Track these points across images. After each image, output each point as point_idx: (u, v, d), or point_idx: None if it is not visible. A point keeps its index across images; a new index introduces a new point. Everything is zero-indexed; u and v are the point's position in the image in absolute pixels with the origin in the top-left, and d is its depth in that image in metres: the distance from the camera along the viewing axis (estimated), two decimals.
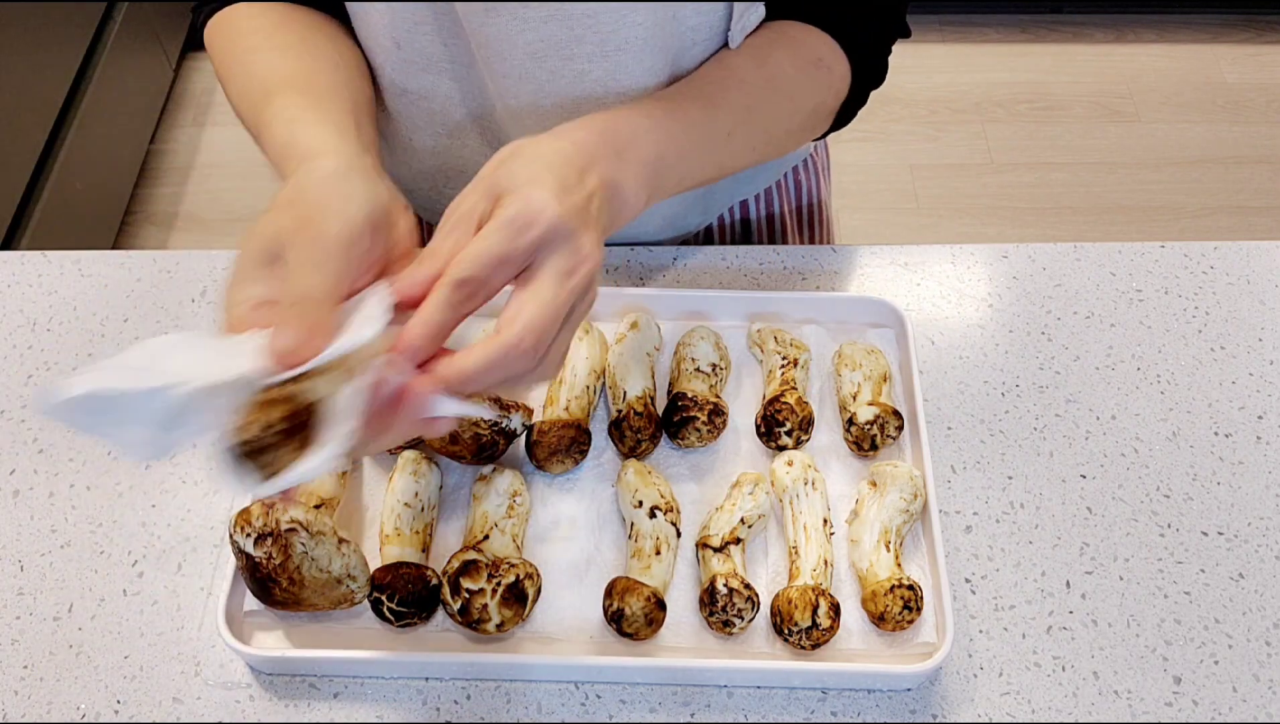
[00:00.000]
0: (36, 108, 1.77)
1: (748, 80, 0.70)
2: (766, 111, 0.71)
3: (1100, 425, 0.73)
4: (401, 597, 0.61)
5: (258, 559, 0.59)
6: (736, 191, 0.89)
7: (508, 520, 0.64)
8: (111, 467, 0.71)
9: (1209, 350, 0.77)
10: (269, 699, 0.61)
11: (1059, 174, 2.20)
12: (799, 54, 0.72)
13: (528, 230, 0.50)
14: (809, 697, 0.61)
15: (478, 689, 0.61)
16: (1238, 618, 0.64)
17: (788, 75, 0.71)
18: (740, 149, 0.70)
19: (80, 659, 0.63)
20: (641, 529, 0.64)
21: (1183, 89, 2.36)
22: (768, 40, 0.72)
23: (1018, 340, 0.78)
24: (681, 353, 0.72)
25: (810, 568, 0.63)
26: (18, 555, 0.67)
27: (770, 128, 0.72)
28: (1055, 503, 0.69)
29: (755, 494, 0.65)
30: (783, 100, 0.72)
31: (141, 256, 0.84)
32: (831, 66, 0.73)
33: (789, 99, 0.72)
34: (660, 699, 0.61)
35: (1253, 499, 0.69)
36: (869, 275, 0.82)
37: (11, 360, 0.77)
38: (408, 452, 0.68)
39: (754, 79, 0.70)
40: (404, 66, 0.74)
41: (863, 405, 0.69)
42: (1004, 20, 2.50)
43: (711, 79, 0.70)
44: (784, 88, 0.72)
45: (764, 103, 0.70)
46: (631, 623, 0.61)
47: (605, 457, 0.71)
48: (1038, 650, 0.63)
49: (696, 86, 0.69)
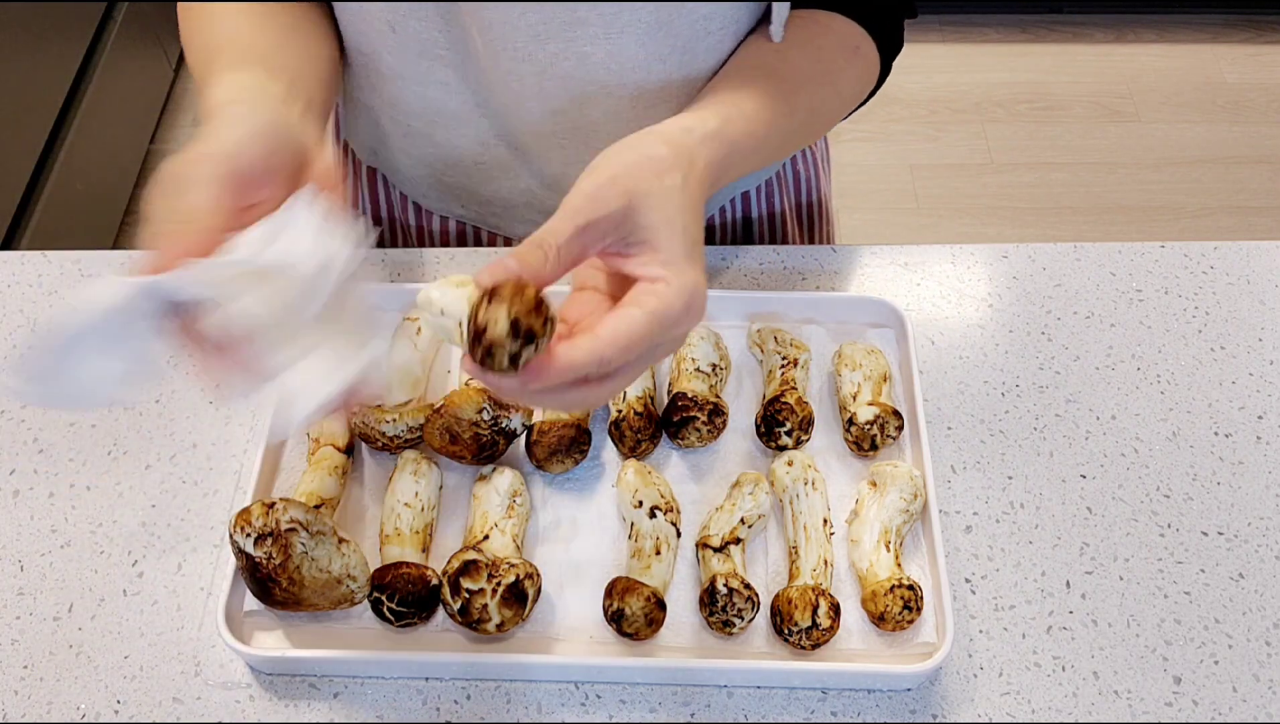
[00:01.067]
0: (36, 108, 1.77)
1: (811, 79, 0.70)
2: (821, 107, 0.71)
3: (1100, 425, 0.73)
4: (401, 597, 0.61)
5: (258, 559, 0.59)
6: (738, 184, 0.89)
7: (508, 520, 0.64)
8: (111, 467, 0.71)
9: (1209, 350, 0.77)
10: (269, 699, 0.61)
11: (1059, 174, 2.20)
12: (842, 44, 0.72)
13: (680, 325, 0.51)
14: (809, 697, 0.61)
15: (478, 689, 0.61)
16: (1238, 618, 0.64)
17: (840, 68, 0.72)
18: (786, 147, 0.71)
19: (80, 659, 0.63)
20: (641, 529, 0.64)
21: (1183, 89, 2.36)
22: (814, 32, 0.71)
23: (1018, 340, 0.78)
24: (681, 353, 0.72)
25: (810, 568, 0.63)
26: (18, 555, 0.67)
27: (819, 124, 0.72)
28: (1055, 503, 0.69)
29: (755, 494, 0.65)
30: (833, 94, 0.72)
31: (141, 257, 0.83)
32: (867, 54, 0.73)
33: (837, 93, 0.72)
34: (660, 699, 0.61)
35: (1253, 499, 0.69)
36: (869, 275, 0.82)
37: (12, 360, 0.77)
38: (408, 452, 0.68)
39: (815, 74, 0.70)
40: (400, 52, 0.73)
41: (863, 405, 0.69)
42: (1004, 20, 2.50)
43: (786, 79, 0.68)
44: (836, 81, 0.72)
45: (821, 101, 0.71)
46: (631, 623, 0.61)
47: (605, 456, 0.71)
48: (1038, 650, 0.63)
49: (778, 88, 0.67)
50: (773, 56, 0.70)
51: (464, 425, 0.66)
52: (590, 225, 0.51)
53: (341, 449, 0.69)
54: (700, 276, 0.52)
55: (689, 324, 0.52)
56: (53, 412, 0.74)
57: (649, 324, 0.50)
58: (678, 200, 0.54)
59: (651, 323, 0.50)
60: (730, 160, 0.61)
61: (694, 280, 0.51)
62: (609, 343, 0.49)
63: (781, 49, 0.70)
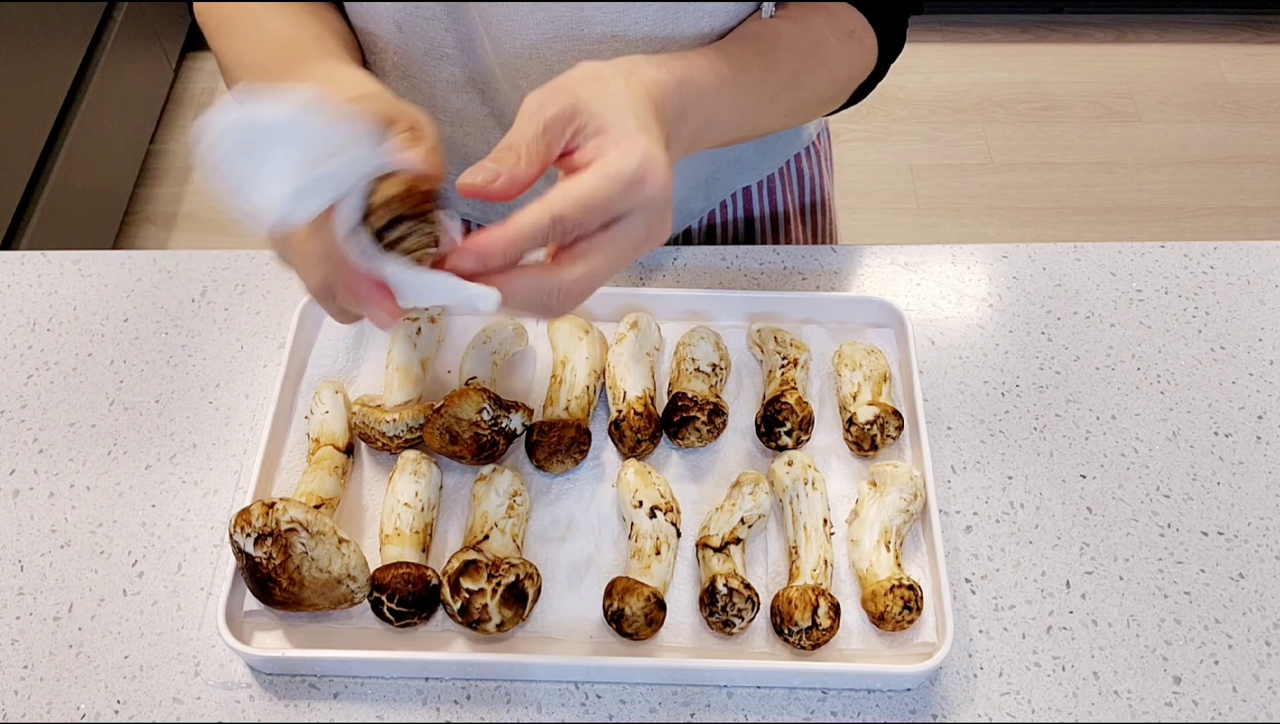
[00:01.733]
0: (36, 108, 1.77)
1: (795, 45, 0.70)
2: (808, 79, 0.71)
3: (1100, 425, 0.73)
4: (401, 597, 0.61)
5: (258, 559, 0.59)
6: (740, 177, 0.89)
7: (508, 520, 0.64)
8: (111, 467, 0.71)
9: (1209, 350, 0.77)
10: (269, 699, 0.61)
11: (1059, 174, 2.20)
12: (836, 24, 0.72)
13: (638, 189, 0.51)
14: (809, 697, 0.61)
15: (478, 689, 0.61)
16: (1238, 618, 0.64)
17: (830, 44, 0.72)
18: (779, 113, 0.70)
19: (80, 659, 0.63)
20: (641, 529, 0.64)
21: (1183, 89, 2.36)
22: (807, 9, 0.71)
23: (1018, 340, 0.78)
24: (681, 353, 0.72)
25: (810, 568, 0.63)
26: (18, 555, 0.67)
27: (808, 96, 0.72)
28: (1055, 503, 0.69)
29: (755, 494, 0.65)
30: (822, 69, 0.72)
31: (141, 256, 0.84)
32: (863, 39, 0.73)
33: (828, 69, 0.72)
34: (660, 699, 0.61)
35: (1253, 499, 0.69)
36: (869, 275, 0.82)
37: (11, 360, 0.77)
38: (408, 452, 0.68)
39: (800, 44, 0.70)
40: (406, 51, 0.73)
41: (863, 405, 0.69)
42: (1004, 20, 2.50)
43: (764, 39, 0.69)
44: (825, 56, 0.72)
45: (807, 70, 0.71)
46: (632, 623, 0.61)
47: (605, 456, 0.71)
48: (1038, 650, 0.63)
49: (753, 46, 0.68)
50: (755, 24, 0.70)
51: (464, 425, 0.66)
52: (549, 123, 0.52)
53: (341, 449, 0.69)
54: (655, 145, 0.52)
55: (649, 189, 0.51)
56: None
57: (601, 181, 0.50)
58: (622, 90, 0.54)
59: (604, 181, 0.50)
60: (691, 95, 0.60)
61: (646, 145, 0.51)
62: (559, 199, 0.49)
63: (768, 21, 0.70)
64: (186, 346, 0.78)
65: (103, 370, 0.76)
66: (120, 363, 0.77)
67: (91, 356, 0.77)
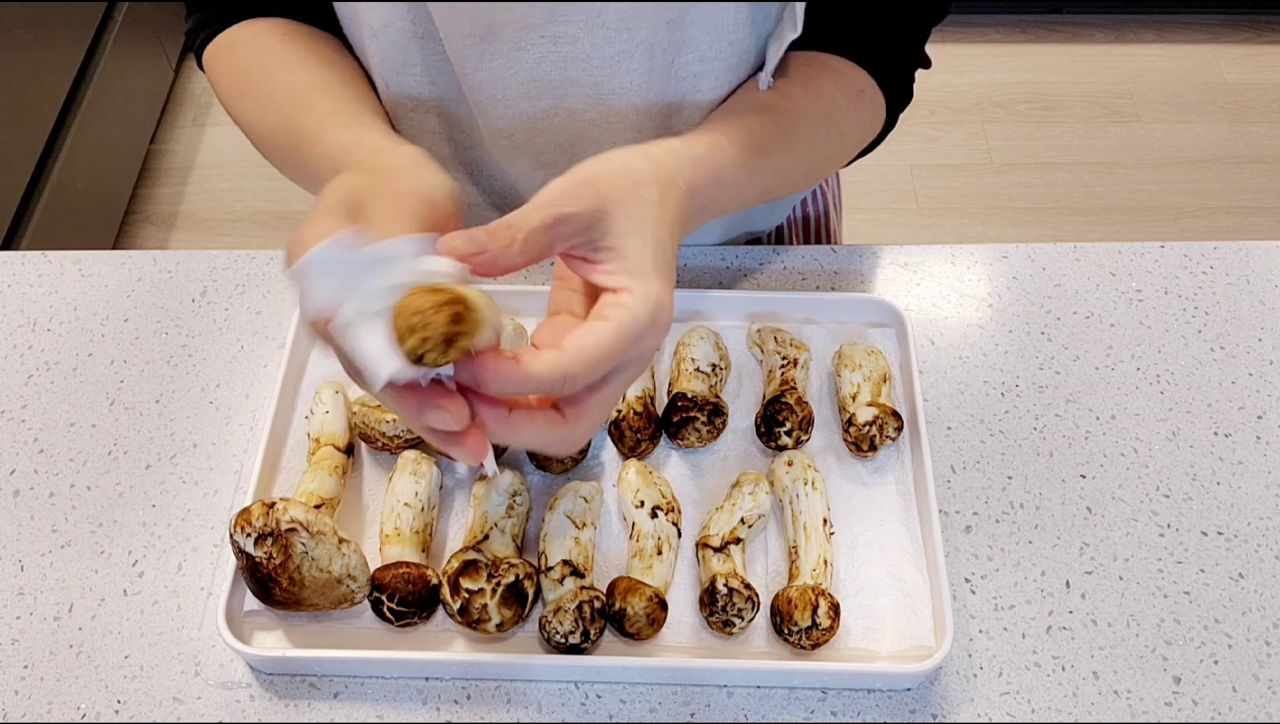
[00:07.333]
0: (36, 108, 1.77)
1: (810, 116, 0.68)
2: (821, 146, 0.70)
3: (1100, 425, 0.73)
4: (401, 597, 0.61)
5: (258, 559, 0.59)
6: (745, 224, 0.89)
7: (508, 520, 0.64)
8: (111, 467, 0.71)
9: (1209, 350, 0.77)
10: (269, 699, 0.61)
11: (1059, 174, 2.20)
12: (845, 86, 0.70)
13: (645, 341, 0.49)
14: (809, 697, 0.61)
15: (478, 689, 0.62)
16: (1238, 618, 0.64)
17: (841, 107, 0.70)
18: (788, 185, 0.69)
19: (80, 659, 0.63)
20: (643, 529, 0.64)
21: (1183, 89, 2.36)
22: (816, 71, 0.70)
23: (1017, 340, 0.78)
24: (681, 353, 0.72)
25: (810, 568, 0.63)
26: (18, 555, 0.67)
27: (817, 164, 0.71)
28: (1055, 503, 0.69)
29: (755, 494, 0.65)
30: (835, 136, 0.71)
31: (141, 256, 0.84)
32: (872, 99, 0.72)
33: (840, 136, 0.71)
34: (660, 699, 0.61)
35: (1253, 499, 0.69)
36: (869, 275, 0.82)
37: (12, 360, 0.77)
38: (408, 452, 0.68)
39: (814, 113, 0.68)
40: (390, 106, 0.74)
41: (862, 406, 0.69)
42: (1004, 20, 2.50)
43: (782, 114, 0.67)
44: (837, 122, 0.70)
45: (822, 139, 0.69)
46: (634, 623, 0.61)
47: (605, 456, 0.71)
48: (1038, 650, 0.63)
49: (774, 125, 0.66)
50: (770, 93, 0.68)
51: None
52: (561, 220, 0.50)
53: (341, 449, 0.69)
54: (666, 291, 0.50)
55: (654, 340, 0.50)
56: (52, 421, 0.74)
57: (616, 338, 0.48)
58: (652, 213, 0.52)
59: (618, 337, 0.48)
60: (716, 188, 0.59)
61: (659, 293, 0.49)
62: (574, 358, 0.47)
63: (781, 86, 0.68)
64: (187, 346, 0.78)
65: (103, 370, 0.76)
66: (120, 363, 0.77)
67: (92, 357, 0.77)
